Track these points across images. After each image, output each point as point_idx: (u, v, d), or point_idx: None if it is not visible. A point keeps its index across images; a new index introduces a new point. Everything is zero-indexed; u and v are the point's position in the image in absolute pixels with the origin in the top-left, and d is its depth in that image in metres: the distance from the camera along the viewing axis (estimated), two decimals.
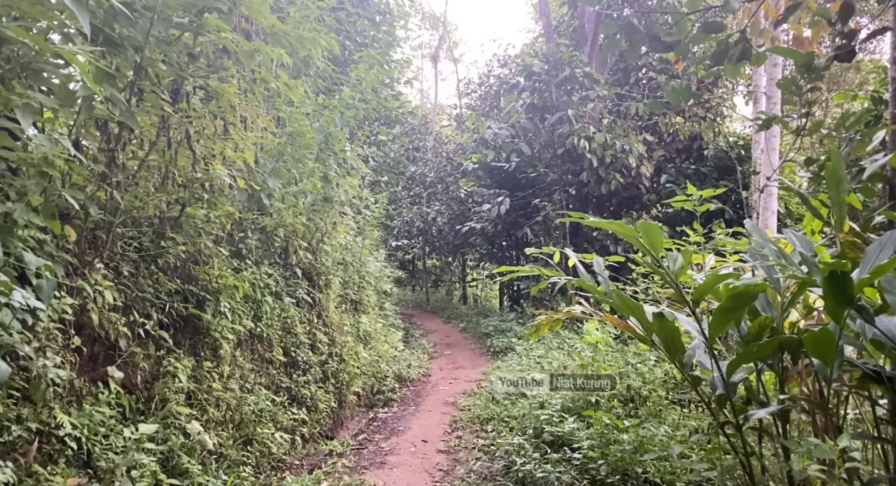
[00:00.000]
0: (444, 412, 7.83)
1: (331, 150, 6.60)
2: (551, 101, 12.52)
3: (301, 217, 6.43)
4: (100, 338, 3.76)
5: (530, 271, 3.97)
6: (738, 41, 3.85)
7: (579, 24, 14.42)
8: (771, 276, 3.27)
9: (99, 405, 3.50)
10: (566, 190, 13.75)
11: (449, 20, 32.49)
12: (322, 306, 7.61)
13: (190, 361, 4.65)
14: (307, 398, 6.53)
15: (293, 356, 6.57)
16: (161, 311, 4.34)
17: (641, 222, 2.90)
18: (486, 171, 15.90)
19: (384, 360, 9.36)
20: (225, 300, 4.99)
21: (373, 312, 10.25)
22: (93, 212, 3.29)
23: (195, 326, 4.87)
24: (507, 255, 17.93)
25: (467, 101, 24.17)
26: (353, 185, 7.16)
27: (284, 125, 5.61)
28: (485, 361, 11.44)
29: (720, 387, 3.25)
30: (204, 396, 4.74)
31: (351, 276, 9.12)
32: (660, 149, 13.47)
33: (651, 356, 6.44)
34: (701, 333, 3.25)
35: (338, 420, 7.33)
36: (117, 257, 4.04)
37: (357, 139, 8.31)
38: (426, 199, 20.90)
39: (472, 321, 16.04)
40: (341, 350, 7.63)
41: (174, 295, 4.56)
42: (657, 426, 5.05)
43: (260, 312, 5.98)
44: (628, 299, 3.46)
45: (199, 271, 4.75)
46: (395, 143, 17.27)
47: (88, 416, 3.25)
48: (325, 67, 6.55)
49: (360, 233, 10.34)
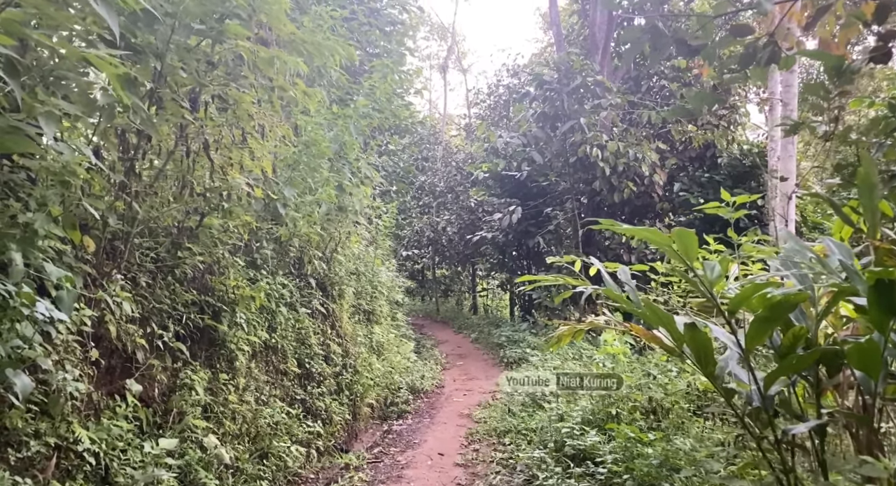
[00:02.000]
0: (460, 424, 7.72)
1: (345, 159, 6.55)
2: (562, 109, 12.47)
3: (315, 227, 6.37)
4: (117, 350, 3.70)
5: (554, 280, 3.88)
6: (766, 44, 3.77)
7: (590, 33, 14.40)
8: (804, 284, 3.17)
9: (117, 418, 3.43)
10: (578, 199, 13.66)
11: (457, 31, 32.63)
12: (336, 316, 7.54)
13: (206, 373, 4.58)
14: (322, 411, 6.44)
15: (307, 368, 6.49)
16: (178, 322, 4.28)
17: (677, 229, 2.82)
18: (496, 180, 15.84)
19: (397, 371, 9.26)
20: (241, 311, 4.92)
21: (385, 322, 10.17)
22: (111, 222, 3.24)
23: (211, 337, 4.80)
24: (517, 264, 17.82)
25: (476, 110, 24.20)
26: (367, 194, 7.10)
27: (300, 134, 5.57)
28: (498, 371, 11.30)
29: (756, 400, 3.15)
30: (220, 409, 4.66)
31: (364, 286, 9.05)
32: (672, 157, 13.37)
33: (672, 367, 6.32)
34: (737, 344, 3.15)
35: (352, 433, 7.23)
36: (135, 267, 3.99)
37: (370, 148, 8.27)
38: (436, 208, 20.85)
39: (484, 332, 15.92)
40: (355, 361, 7.55)
41: (190, 306, 4.49)
42: (682, 438, 4.92)
43: (274, 323, 5.91)
44: (658, 310, 3.37)
45: (215, 282, 4.69)
46: (404, 152, 17.25)
47: (106, 430, 3.18)
48: (339, 77, 6.52)
49: (372, 242, 10.28)
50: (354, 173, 6.94)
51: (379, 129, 10.86)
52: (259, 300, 4.84)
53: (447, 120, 30.07)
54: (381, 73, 6.97)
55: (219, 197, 3.99)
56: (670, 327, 3.38)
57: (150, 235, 4.25)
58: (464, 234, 18.68)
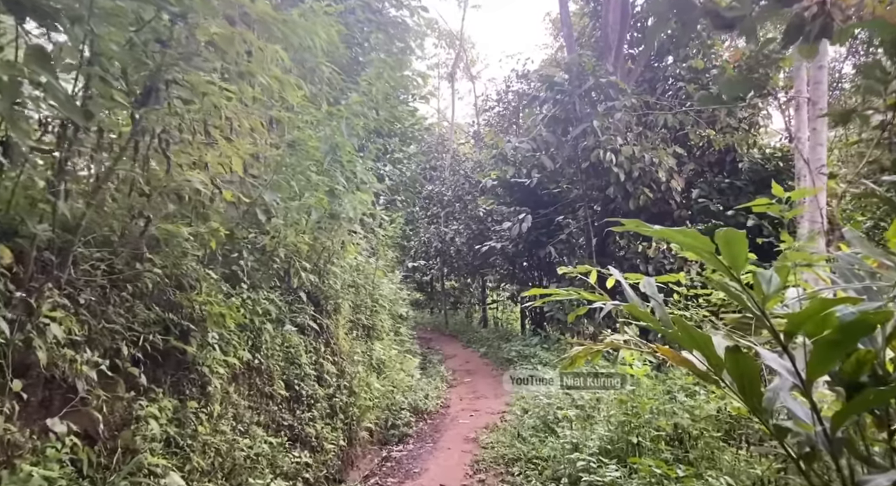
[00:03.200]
0: (465, 449, 7.10)
1: (338, 162, 6.02)
2: (574, 112, 11.90)
3: (304, 236, 5.83)
4: (53, 380, 3.15)
5: (567, 294, 3.30)
6: (816, 15, 3.19)
7: (602, 35, 13.84)
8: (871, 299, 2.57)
9: (46, 462, 2.87)
10: (591, 206, 13.05)
11: (466, 38, 32.22)
12: (330, 332, 6.98)
13: (171, 401, 4.03)
14: (312, 438, 5.87)
15: (297, 390, 5.93)
16: (133, 344, 3.73)
17: (723, 231, 2.23)
18: (505, 188, 15.27)
19: (399, 390, 8.66)
20: (214, 330, 4.37)
21: (387, 337, 9.58)
22: (37, 229, 2.70)
23: (178, 360, 4.25)
24: (528, 275, 17.20)
25: (485, 117, 23.68)
26: (364, 200, 6.56)
27: (283, 132, 5.05)
28: (507, 389, 10.65)
29: (821, 443, 2.54)
30: (187, 442, 4.10)
31: (363, 299, 8.49)
32: (690, 162, 12.73)
33: (698, 389, 5.69)
34: (793, 372, 2.54)
35: (347, 460, 6.64)
36: (80, 282, 3.45)
37: (369, 152, 7.73)
38: (444, 218, 20.30)
39: (493, 346, 15.28)
40: (351, 382, 6.97)
41: (152, 325, 3.95)
42: (715, 474, 4.29)
43: (259, 341, 5.37)
44: (693, 330, 2.78)
45: (180, 297, 4.14)
46: (411, 161, 16.72)
47: (22, 481, 2.62)
48: (330, 73, 6.00)
49: (373, 253, 9.73)
50: (349, 178, 6.40)
51: (378, 133, 10.34)
52: (231, 317, 4.29)
53: (455, 129, 29.60)
54: (377, 69, 6.43)
55: (178, 200, 3.46)
56: (708, 351, 2.79)
57: (104, 245, 3.73)
58: (472, 244, 18.10)
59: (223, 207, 4.24)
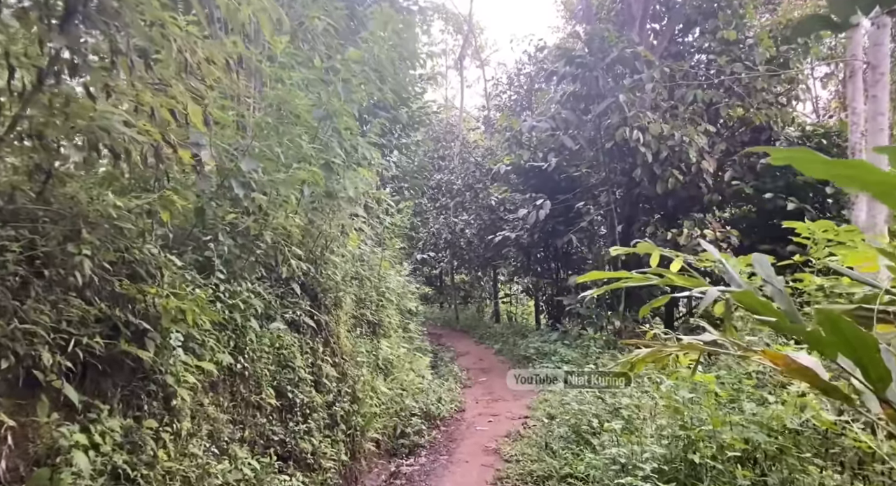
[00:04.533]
0: (486, 463, 6.19)
1: (335, 130, 5.11)
2: (596, 88, 10.91)
3: (296, 218, 4.94)
4: None
5: (644, 279, 2.38)
6: None
7: (624, 5, 12.80)
8: None
9: None
10: (614, 192, 12.08)
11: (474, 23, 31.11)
12: (329, 330, 6.10)
13: (119, 421, 3.16)
14: (307, 454, 5.00)
15: (290, 398, 5.06)
16: (61, 351, 2.85)
17: None
18: (519, 174, 14.30)
19: (409, 393, 7.77)
20: (175, 329, 3.49)
21: (395, 335, 8.69)
22: None
23: (131, 368, 3.38)
24: (544, 267, 16.24)
25: (496, 102, 22.65)
26: (365, 178, 5.65)
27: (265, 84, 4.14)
28: (527, 390, 9.74)
29: None
30: (141, 472, 3.22)
31: (367, 293, 7.61)
32: (721, 142, 11.72)
33: (768, 395, 4.75)
34: None
35: (350, 477, 5.76)
36: None
37: (373, 126, 6.81)
38: (453, 208, 19.35)
39: (509, 342, 14.35)
40: (354, 386, 6.09)
41: (92, 325, 3.08)
42: None
43: (242, 342, 4.50)
44: (853, 328, 1.88)
45: (132, 290, 3.26)
46: (418, 148, 15.76)
47: None
48: (325, 28, 5.09)
49: (379, 242, 8.84)
50: (349, 152, 5.49)
51: (384, 107, 9.42)
52: (194, 313, 3.40)
53: (465, 117, 28.57)
54: (380, 22, 5.48)
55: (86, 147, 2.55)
56: (870, 359, 1.92)
57: (21, 220, 2.85)
58: (484, 235, 17.15)
59: (184, 175, 3.36)
